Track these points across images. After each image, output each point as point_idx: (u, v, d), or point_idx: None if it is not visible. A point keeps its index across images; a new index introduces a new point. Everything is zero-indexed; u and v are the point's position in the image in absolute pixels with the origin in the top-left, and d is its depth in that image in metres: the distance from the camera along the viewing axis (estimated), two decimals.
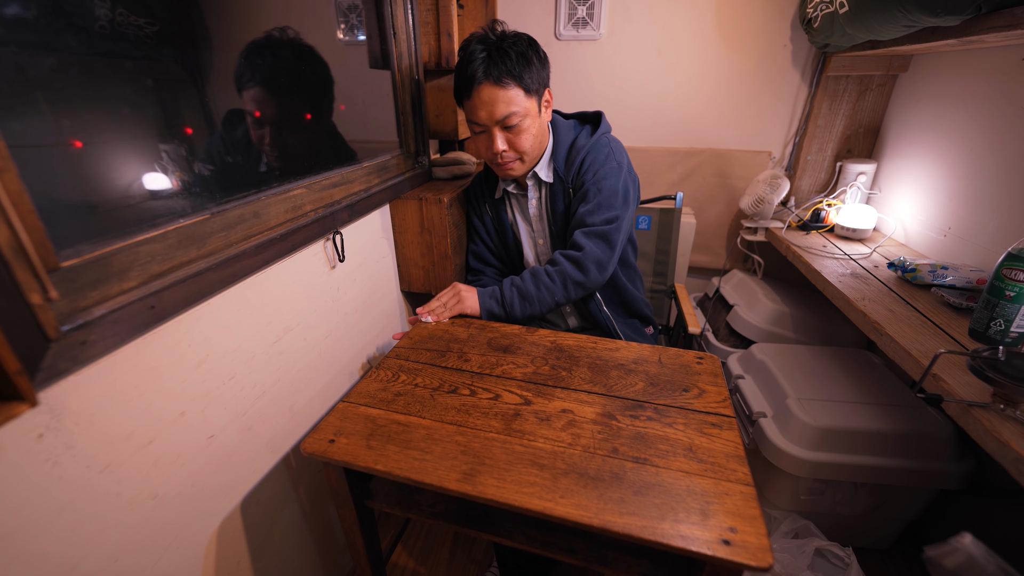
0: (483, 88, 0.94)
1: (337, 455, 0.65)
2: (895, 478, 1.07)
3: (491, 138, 0.99)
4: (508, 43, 0.94)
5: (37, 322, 0.47)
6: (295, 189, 0.88)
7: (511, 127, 0.98)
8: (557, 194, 1.10)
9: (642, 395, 0.76)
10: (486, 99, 0.95)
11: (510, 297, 1.02)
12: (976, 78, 1.20)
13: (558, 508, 0.56)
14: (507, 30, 0.98)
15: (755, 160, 1.72)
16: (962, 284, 1.04)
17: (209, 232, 0.70)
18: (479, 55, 0.93)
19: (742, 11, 1.57)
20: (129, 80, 0.64)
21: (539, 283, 1.02)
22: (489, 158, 1.04)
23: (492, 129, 0.98)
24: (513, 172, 1.06)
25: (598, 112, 1.14)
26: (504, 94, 0.94)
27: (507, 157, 1.02)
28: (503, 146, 0.99)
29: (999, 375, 0.70)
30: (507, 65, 0.93)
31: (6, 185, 0.44)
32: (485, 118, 0.97)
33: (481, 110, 0.96)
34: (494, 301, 1.03)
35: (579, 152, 1.06)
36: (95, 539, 0.58)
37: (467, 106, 0.99)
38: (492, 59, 0.93)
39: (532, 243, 1.20)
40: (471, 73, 0.93)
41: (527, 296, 1.02)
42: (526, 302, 1.02)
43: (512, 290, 1.03)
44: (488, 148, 1.01)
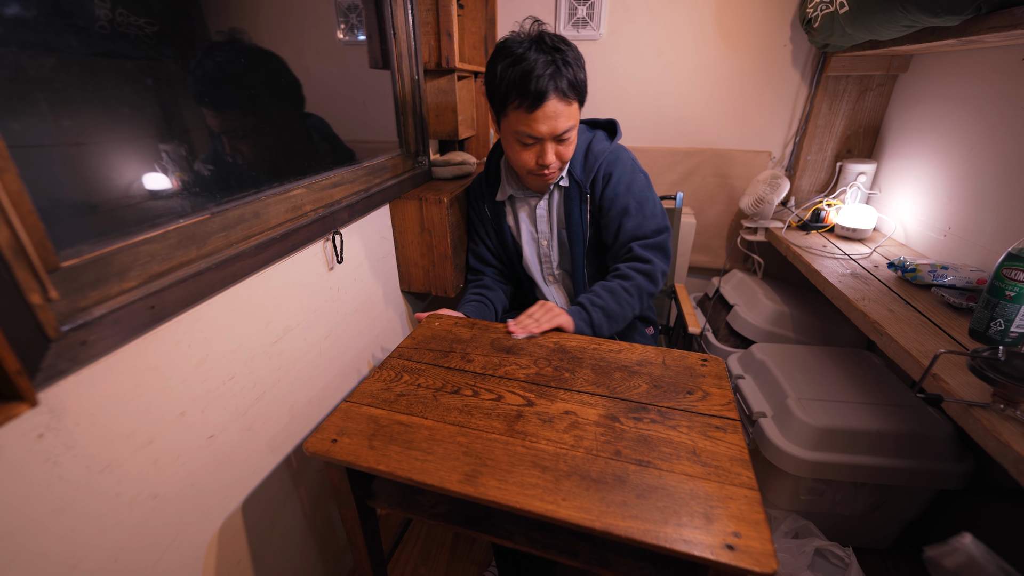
0: (549, 103, 0.88)
1: (339, 455, 0.64)
2: (895, 478, 1.07)
3: (543, 151, 0.94)
4: (568, 53, 0.89)
5: (37, 322, 0.47)
6: (295, 189, 0.88)
7: (564, 139, 0.94)
8: (572, 198, 1.07)
9: (646, 397, 0.75)
10: (551, 114, 0.89)
11: (599, 320, 0.99)
12: (976, 78, 1.20)
13: (560, 510, 0.55)
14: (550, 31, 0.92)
15: (755, 160, 1.72)
16: (962, 284, 1.04)
17: (209, 232, 0.70)
18: (544, 66, 0.86)
19: (742, 11, 1.57)
20: (129, 80, 0.64)
21: (620, 300, 1.00)
22: (531, 169, 0.99)
23: (546, 143, 0.93)
24: (552, 179, 1.03)
25: (612, 120, 1.11)
26: (567, 109, 0.90)
27: (554, 168, 0.98)
28: (553, 158, 0.95)
29: (999, 375, 0.70)
30: (570, 78, 0.88)
31: (6, 185, 0.44)
32: (546, 133, 0.91)
33: (543, 125, 0.90)
34: (583, 323, 0.99)
35: (597, 158, 1.04)
36: (95, 539, 0.58)
37: (522, 118, 0.91)
38: (559, 71, 0.87)
39: (534, 245, 1.17)
40: (540, 87, 0.86)
41: (612, 315, 1.00)
42: (612, 321, 1.00)
43: (597, 311, 0.99)
44: (536, 159, 0.96)
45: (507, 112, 0.92)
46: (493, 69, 0.92)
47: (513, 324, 0.95)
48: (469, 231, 1.26)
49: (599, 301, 1.00)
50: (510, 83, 0.88)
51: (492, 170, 1.16)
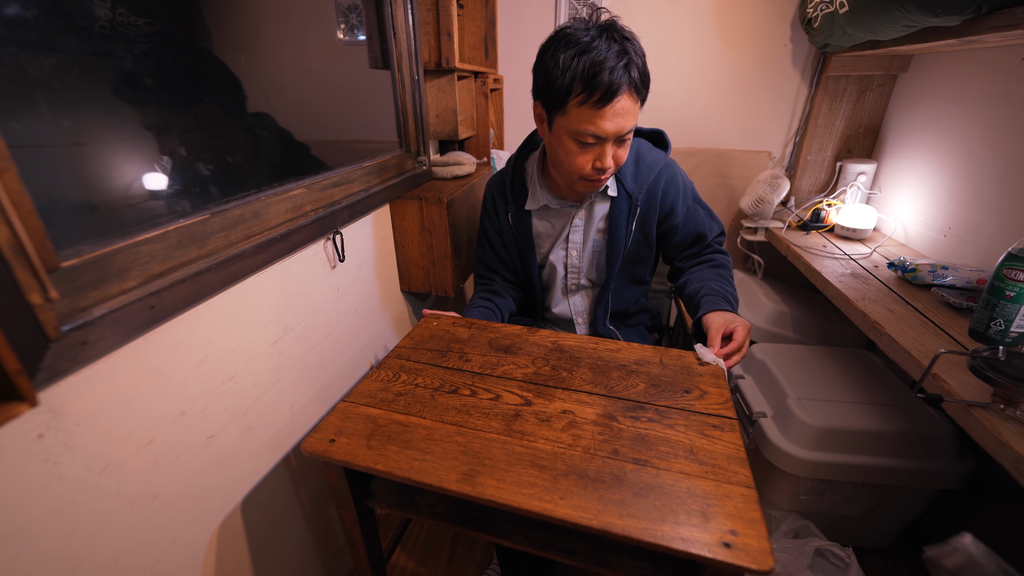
0: (621, 99, 0.79)
1: (337, 455, 0.64)
2: (895, 478, 1.07)
3: (603, 153, 0.85)
4: (638, 45, 0.81)
5: (37, 322, 0.47)
6: (295, 189, 0.88)
7: (625, 141, 0.86)
8: (621, 209, 0.99)
9: (643, 396, 0.75)
10: (620, 111, 0.80)
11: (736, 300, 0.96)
12: (976, 78, 1.20)
13: (558, 509, 0.56)
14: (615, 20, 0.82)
15: (755, 160, 1.72)
16: (962, 284, 1.04)
17: (209, 232, 0.70)
18: (617, 57, 0.77)
19: (742, 11, 1.57)
20: (129, 80, 0.64)
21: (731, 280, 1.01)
22: (585, 174, 0.88)
23: (607, 144, 0.84)
24: (601, 185, 0.94)
25: (660, 130, 1.06)
26: (634, 107, 0.82)
27: (610, 173, 0.89)
28: (611, 162, 0.86)
29: (999, 375, 0.70)
30: (643, 71, 0.80)
31: (6, 185, 0.44)
32: (612, 132, 0.81)
33: (610, 123, 0.80)
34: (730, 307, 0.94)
35: (652, 170, 0.99)
36: (95, 539, 0.58)
37: (586, 115, 0.80)
38: (632, 63, 0.78)
39: (563, 255, 1.08)
40: (613, 80, 0.76)
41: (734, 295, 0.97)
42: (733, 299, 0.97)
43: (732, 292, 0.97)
44: (594, 163, 0.86)
45: (567, 108, 0.82)
46: (555, 59, 0.80)
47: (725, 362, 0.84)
48: (480, 238, 1.17)
49: (731, 290, 0.97)
50: (577, 74, 0.78)
51: (516, 175, 1.06)
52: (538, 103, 0.89)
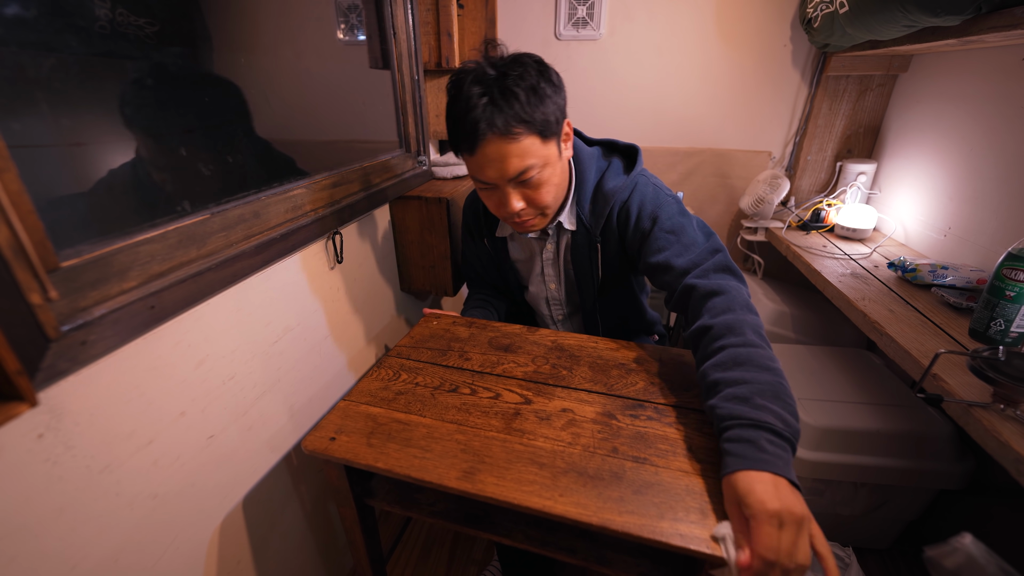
0: (489, 144, 0.73)
1: (338, 453, 0.65)
2: (895, 478, 1.07)
3: (505, 197, 0.79)
4: (513, 79, 0.72)
5: (37, 322, 0.48)
6: (295, 189, 0.88)
7: (526, 181, 0.77)
8: (581, 244, 0.92)
9: (642, 394, 0.76)
10: (493, 156, 0.74)
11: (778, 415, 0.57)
12: (976, 78, 1.20)
13: (557, 506, 0.56)
14: (506, 54, 0.78)
15: (755, 160, 1.72)
16: (962, 284, 1.04)
17: (209, 232, 0.70)
18: (478, 99, 0.72)
19: (742, 11, 1.57)
20: (129, 80, 0.64)
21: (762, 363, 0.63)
22: (502, 216, 0.84)
23: (504, 187, 0.78)
24: (535, 228, 0.87)
25: (633, 146, 0.93)
26: (516, 147, 0.73)
27: (526, 215, 0.82)
28: (520, 204, 0.80)
29: (999, 375, 0.70)
30: (515, 109, 0.72)
31: (6, 185, 0.45)
32: (495, 177, 0.77)
33: (488, 169, 0.76)
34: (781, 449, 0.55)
35: (609, 199, 0.87)
36: (95, 539, 0.58)
37: (469, 162, 0.78)
38: (496, 105, 0.71)
39: (542, 286, 1.04)
40: (471, 126, 0.72)
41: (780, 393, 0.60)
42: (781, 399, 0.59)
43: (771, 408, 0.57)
44: (501, 207, 0.81)
45: (459, 154, 0.80)
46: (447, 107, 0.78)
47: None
48: (464, 254, 1.13)
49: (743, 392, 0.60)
50: (451, 123, 0.77)
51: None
52: None
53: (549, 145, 0.78)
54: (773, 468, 0.52)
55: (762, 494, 0.49)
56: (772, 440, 0.54)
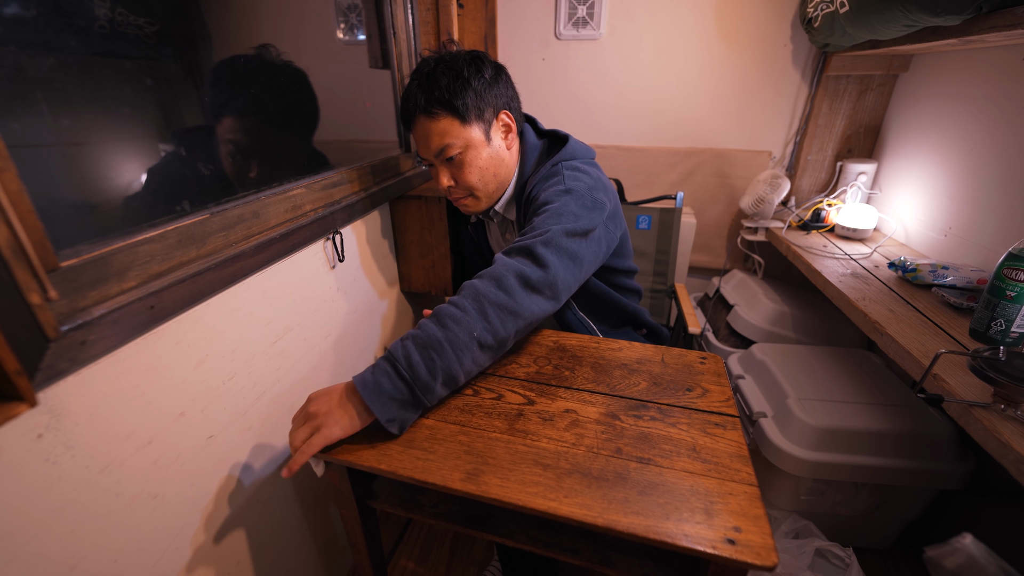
0: (417, 122, 0.86)
1: (340, 455, 0.64)
2: (895, 478, 1.07)
3: (436, 173, 0.91)
4: (443, 67, 0.84)
5: (36, 322, 0.47)
6: (295, 189, 0.88)
7: (451, 159, 0.88)
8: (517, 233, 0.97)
9: (645, 395, 0.75)
10: (420, 133, 0.87)
11: (404, 356, 0.64)
12: (977, 78, 1.20)
13: (562, 508, 0.55)
14: (453, 50, 0.89)
15: (755, 160, 1.72)
16: (963, 284, 1.04)
17: (209, 232, 0.70)
18: (412, 85, 0.86)
19: (742, 11, 1.57)
20: (129, 80, 0.64)
21: (443, 321, 0.66)
22: (442, 193, 0.96)
23: (437, 166, 0.90)
24: (468, 208, 0.96)
25: (564, 136, 0.97)
26: (435, 125, 0.85)
27: (455, 193, 0.93)
28: (447, 181, 0.90)
29: (1000, 375, 0.70)
30: (436, 92, 0.83)
31: (6, 185, 0.44)
32: (424, 152, 0.90)
33: (419, 145, 0.90)
34: (381, 373, 0.63)
35: (527, 187, 0.92)
36: (94, 539, 0.58)
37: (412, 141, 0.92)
38: (421, 87, 0.84)
39: None
40: (407, 107, 0.87)
41: (430, 344, 0.65)
42: (431, 352, 0.64)
43: (406, 344, 0.65)
44: (436, 183, 0.93)
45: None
46: None
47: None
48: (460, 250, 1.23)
49: (414, 331, 0.67)
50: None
51: None
52: None
53: (469, 128, 0.86)
54: (357, 381, 0.63)
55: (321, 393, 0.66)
56: (383, 368, 0.64)
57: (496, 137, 0.90)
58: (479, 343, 0.68)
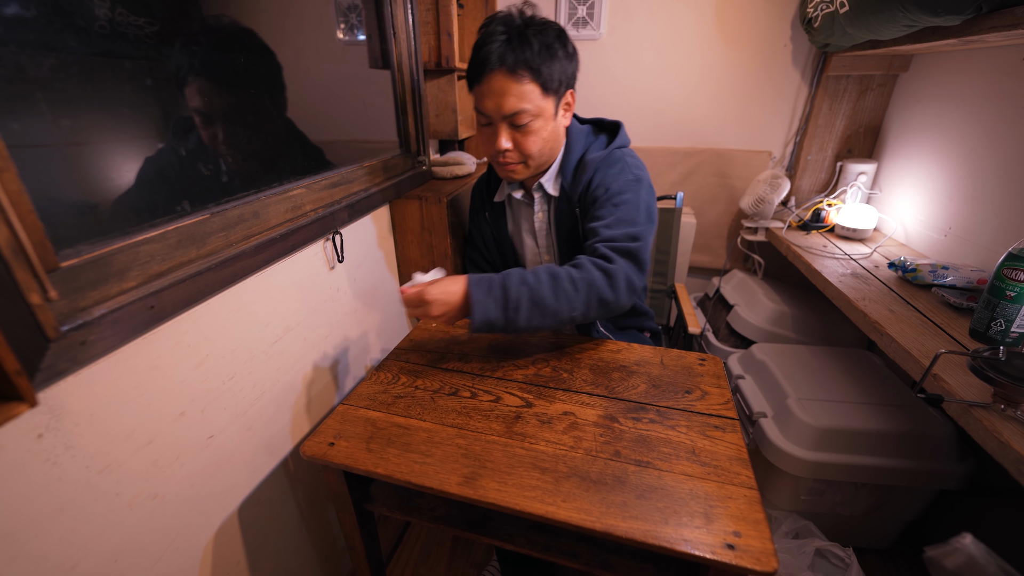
0: (495, 76, 0.82)
1: (337, 458, 0.64)
2: (895, 478, 1.07)
3: (495, 133, 0.88)
4: (533, 30, 0.82)
5: (36, 322, 0.47)
6: (295, 189, 0.88)
7: (520, 126, 0.86)
8: (563, 211, 0.98)
9: (644, 397, 0.75)
10: (496, 89, 0.83)
11: (517, 298, 0.77)
12: (977, 78, 1.20)
13: (560, 512, 0.55)
14: (538, 16, 0.86)
15: (755, 160, 1.72)
16: (963, 284, 1.04)
17: (209, 232, 0.70)
18: (498, 36, 0.81)
19: (742, 11, 1.56)
20: (129, 80, 0.64)
21: (558, 290, 0.78)
22: (491, 155, 0.92)
23: (498, 124, 0.87)
24: (515, 175, 0.95)
25: (617, 122, 1.02)
26: (517, 87, 0.82)
27: (510, 157, 0.90)
28: (507, 144, 0.88)
29: (1000, 375, 0.70)
30: (526, 55, 0.81)
31: (6, 185, 0.44)
32: (492, 109, 0.85)
33: (489, 100, 0.85)
34: (493, 302, 0.76)
35: (587, 167, 0.94)
36: (94, 539, 0.58)
37: (476, 92, 0.87)
38: (511, 44, 0.81)
39: (537, 259, 1.09)
40: (484, 56, 0.82)
41: (540, 303, 0.77)
42: (536, 311, 0.77)
43: (522, 289, 0.77)
44: (490, 144, 0.90)
45: (472, 89, 0.89)
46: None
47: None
48: (468, 237, 1.20)
49: (530, 280, 0.78)
50: (471, 56, 0.86)
51: (493, 175, 1.11)
52: None
53: (547, 100, 0.86)
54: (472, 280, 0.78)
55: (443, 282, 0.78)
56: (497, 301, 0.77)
57: (559, 112, 0.91)
58: (570, 319, 0.80)
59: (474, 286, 0.77)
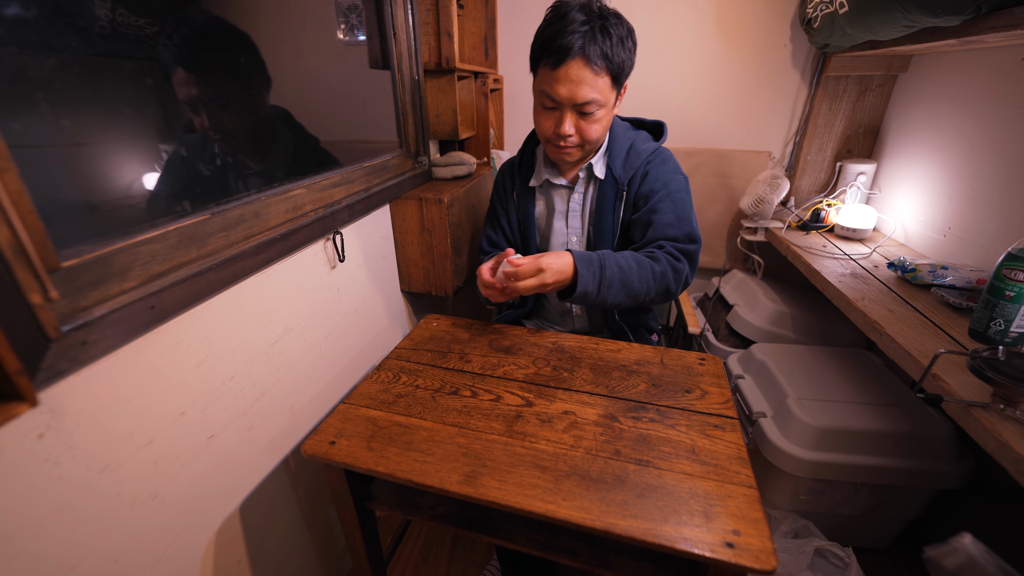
0: (573, 64, 0.84)
1: (338, 457, 0.64)
2: (895, 478, 1.07)
3: (561, 118, 0.90)
4: (612, 22, 0.85)
5: (37, 322, 0.47)
6: (295, 189, 0.88)
7: (586, 113, 0.89)
8: (607, 194, 1.02)
9: (644, 396, 0.75)
10: (573, 77, 0.85)
11: (611, 277, 0.87)
12: (976, 78, 1.20)
13: (560, 510, 0.55)
14: (607, 6, 0.88)
15: (755, 160, 1.72)
16: (962, 284, 1.04)
17: (209, 232, 0.70)
18: (580, 25, 0.83)
19: (742, 11, 1.57)
20: (129, 80, 0.64)
21: (642, 277, 0.89)
22: (549, 137, 0.94)
23: (565, 110, 0.89)
24: (569, 158, 0.98)
25: (659, 122, 1.08)
26: (593, 78, 0.85)
27: (571, 142, 0.93)
28: (571, 130, 0.90)
29: (999, 375, 0.70)
30: (605, 47, 0.83)
31: (6, 185, 0.44)
32: (564, 96, 0.87)
33: (563, 87, 0.86)
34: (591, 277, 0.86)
35: (641, 156, 1.00)
36: (95, 539, 0.58)
37: (546, 76, 0.87)
38: (593, 34, 0.83)
39: (564, 239, 1.09)
40: (566, 43, 0.82)
41: (627, 285, 0.88)
42: (623, 291, 0.88)
43: (616, 271, 0.88)
44: (553, 127, 0.92)
45: (537, 70, 0.90)
46: (540, 26, 0.89)
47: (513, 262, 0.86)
48: (489, 217, 1.19)
49: (623, 264, 0.89)
50: (544, 38, 0.86)
51: (527, 156, 1.12)
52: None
53: (613, 92, 0.90)
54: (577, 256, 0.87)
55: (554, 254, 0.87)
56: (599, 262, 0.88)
57: (617, 102, 0.95)
58: (641, 302, 0.92)
59: (579, 262, 0.87)
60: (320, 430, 0.69)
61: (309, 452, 0.66)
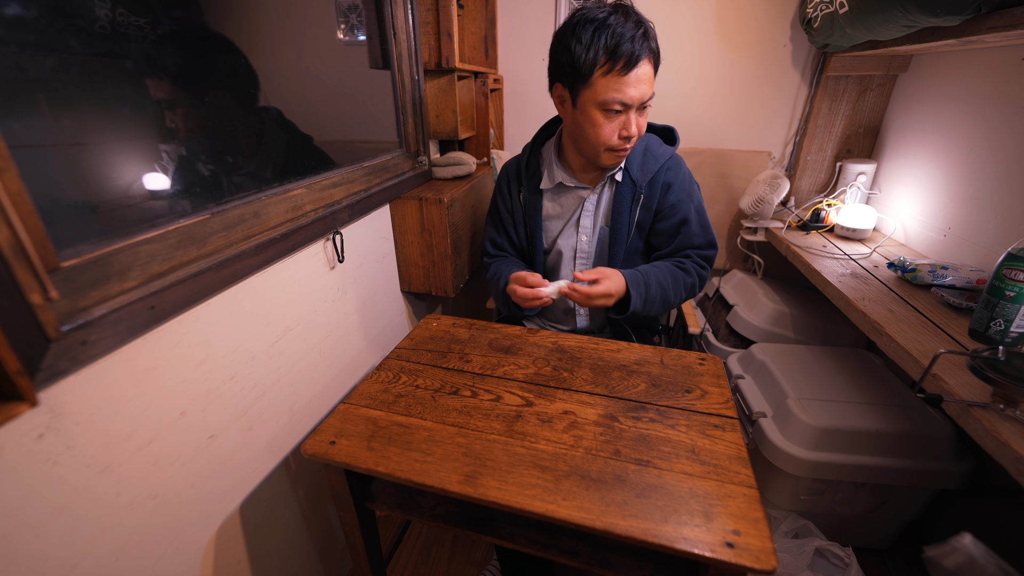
0: (642, 66, 0.87)
1: (338, 457, 0.64)
2: (895, 478, 1.07)
3: (628, 121, 0.91)
4: (644, 19, 0.90)
5: (37, 322, 0.47)
6: (295, 189, 0.88)
7: (644, 110, 0.93)
8: (624, 196, 1.03)
9: (644, 396, 0.75)
10: (643, 77, 0.88)
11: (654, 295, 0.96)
12: (976, 78, 1.20)
13: (560, 510, 0.55)
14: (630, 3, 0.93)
15: (755, 160, 1.72)
16: (962, 284, 1.04)
17: (209, 232, 0.70)
18: (634, 29, 0.86)
19: (742, 11, 1.57)
20: (129, 80, 0.64)
21: (676, 289, 0.99)
22: (612, 144, 0.94)
23: (632, 111, 0.91)
24: (620, 158, 0.99)
25: (669, 127, 1.11)
26: (652, 74, 0.90)
27: (631, 143, 0.95)
28: (636, 130, 0.92)
29: (999, 375, 0.70)
30: (654, 44, 0.89)
31: (6, 185, 0.44)
32: (636, 98, 0.89)
33: (635, 88, 0.88)
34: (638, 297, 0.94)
35: (658, 160, 1.03)
36: (95, 539, 0.58)
37: (612, 83, 0.87)
38: (647, 36, 0.87)
39: (573, 240, 1.09)
40: (634, 51, 0.85)
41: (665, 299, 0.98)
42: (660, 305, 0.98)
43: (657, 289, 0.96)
44: (619, 131, 0.92)
45: (592, 81, 0.88)
46: (576, 37, 0.88)
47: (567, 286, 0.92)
48: (491, 219, 1.19)
49: (664, 280, 0.97)
50: (600, 47, 0.86)
51: (532, 159, 1.11)
52: (558, 84, 0.95)
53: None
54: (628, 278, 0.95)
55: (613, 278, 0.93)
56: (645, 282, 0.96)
57: None
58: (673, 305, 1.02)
59: (631, 283, 0.95)
60: (320, 430, 0.69)
61: (309, 452, 0.66)
